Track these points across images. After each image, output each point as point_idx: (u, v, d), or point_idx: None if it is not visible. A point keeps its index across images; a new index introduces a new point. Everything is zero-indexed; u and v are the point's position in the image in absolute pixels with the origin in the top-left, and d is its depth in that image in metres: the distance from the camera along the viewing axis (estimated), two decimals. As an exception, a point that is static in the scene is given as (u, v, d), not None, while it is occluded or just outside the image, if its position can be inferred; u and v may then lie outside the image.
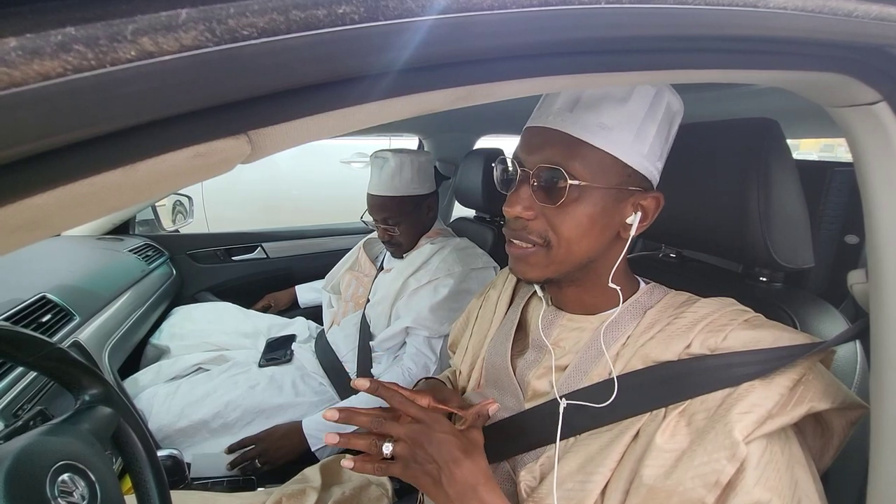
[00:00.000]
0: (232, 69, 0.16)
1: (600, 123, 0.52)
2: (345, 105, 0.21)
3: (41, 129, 0.13)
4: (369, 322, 1.34)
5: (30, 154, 0.14)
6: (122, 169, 0.17)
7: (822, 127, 1.23)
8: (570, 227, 0.53)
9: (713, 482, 0.44)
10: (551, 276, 0.57)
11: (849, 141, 0.47)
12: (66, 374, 0.56)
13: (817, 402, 0.46)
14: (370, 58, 0.18)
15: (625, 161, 0.53)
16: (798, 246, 0.61)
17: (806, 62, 0.38)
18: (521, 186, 0.54)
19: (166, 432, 1.10)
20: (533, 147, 0.55)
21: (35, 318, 0.91)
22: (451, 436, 0.51)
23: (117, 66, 0.13)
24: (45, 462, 0.45)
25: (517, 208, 0.54)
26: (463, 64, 0.23)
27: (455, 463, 0.50)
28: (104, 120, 0.14)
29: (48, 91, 0.13)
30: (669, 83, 0.53)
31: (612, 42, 0.25)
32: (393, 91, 0.22)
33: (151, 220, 1.84)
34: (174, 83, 0.15)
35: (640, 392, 0.51)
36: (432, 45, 0.19)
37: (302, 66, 0.17)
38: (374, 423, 0.54)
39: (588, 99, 0.52)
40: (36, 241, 0.19)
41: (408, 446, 0.52)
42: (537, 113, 0.57)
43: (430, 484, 0.51)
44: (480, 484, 0.50)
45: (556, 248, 0.54)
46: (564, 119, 0.52)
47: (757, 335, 0.50)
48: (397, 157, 1.26)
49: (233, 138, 0.19)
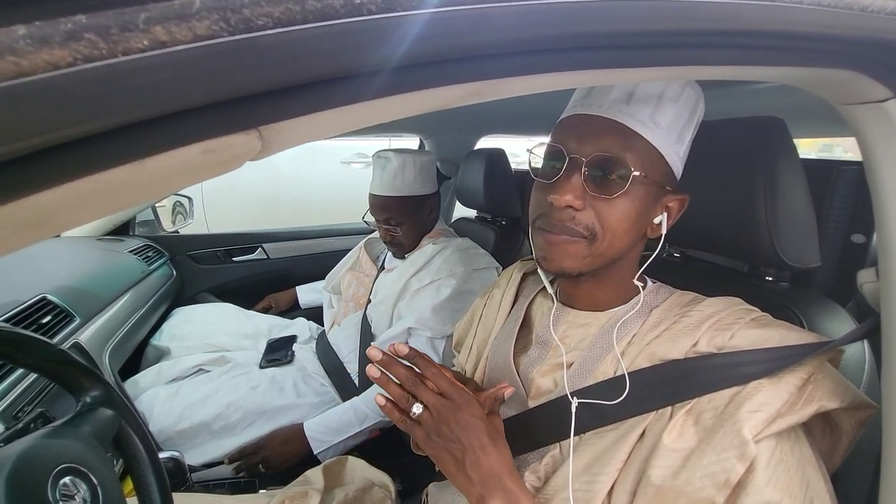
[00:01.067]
0: (246, 61, 0.15)
1: (654, 119, 0.52)
2: (357, 100, 0.21)
3: (50, 121, 0.13)
4: (370, 322, 1.34)
5: (37, 149, 0.14)
6: (130, 165, 0.17)
7: (826, 126, 1.23)
8: (618, 220, 0.52)
9: (723, 482, 0.43)
10: (585, 270, 0.55)
11: (858, 138, 0.47)
12: (67, 375, 0.56)
13: (827, 401, 0.45)
14: (386, 51, 0.18)
15: (667, 159, 0.53)
16: (805, 245, 0.61)
17: (818, 58, 0.37)
18: (572, 175, 0.52)
19: (167, 434, 1.09)
20: (586, 135, 0.52)
21: (35, 319, 0.90)
22: (480, 421, 0.51)
23: (129, 55, 0.13)
24: (47, 465, 0.44)
25: (568, 197, 0.51)
26: (478, 59, 0.23)
27: (482, 449, 0.49)
28: (115, 112, 0.14)
29: (58, 81, 0.12)
30: (684, 79, 0.53)
31: (625, 36, 0.25)
32: (406, 86, 0.22)
33: (151, 221, 1.84)
34: (187, 75, 0.14)
35: (647, 390, 0.51)
36: (448, 37, 0.19)
37: (318, 59, 0.17)
38: (409, 380, 0.52)
39: (642, 94, 0.52)
40: (41, 239, 0.18)
41: (433, 418, 0.51)
42: (584, 102, 0.55)
43: (451, 463, 0.50)
44: (505, 474, 0.49)
45: (600, 242, 0.53)
46: (621, 110, 0.51)
47: (764, 334, 0.49)
48: (400, 157, 1.25)
49: (243, 134, 0.19)
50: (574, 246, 0.54)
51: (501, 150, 1.46)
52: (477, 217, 1.70)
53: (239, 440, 1.11)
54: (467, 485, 0.49)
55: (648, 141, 0.51)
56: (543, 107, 1.49)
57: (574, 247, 0.54)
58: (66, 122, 0.13)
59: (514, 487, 0.49)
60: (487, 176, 1.41)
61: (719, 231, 0.65)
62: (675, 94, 0.53)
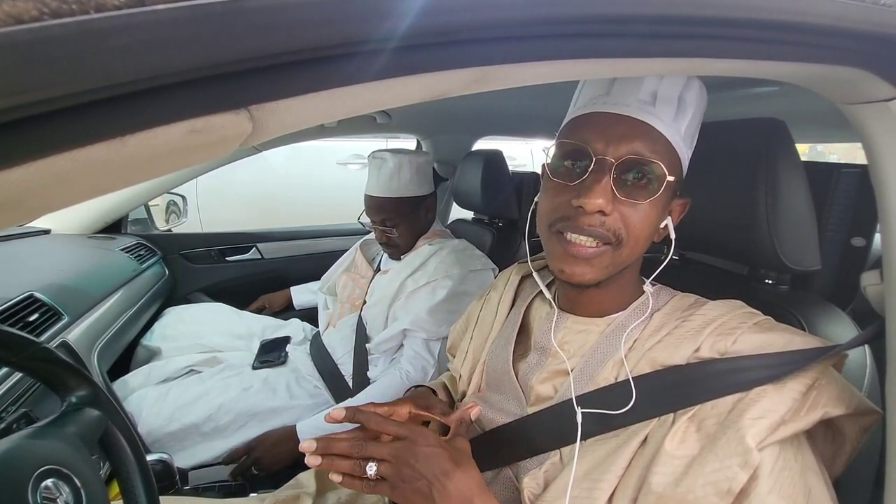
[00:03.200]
0: (234, 26, 0.14)
1: (676, 121, 0.51)
2: (353, 81, 0.20)
3: (12, 82, 0.11)
4: (366, 324, 1.32)
5: (1, 119, 0.13)
6: (109, 142, 0.15)
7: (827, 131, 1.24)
8: (643, 225, 0.51)
9: (725, 490, 0.42)
10: (604, 279, 0.53)
11: (863, 139, 0.46)
12: (52, 374, 0.54)
13: (831, 408, 0.44)
14: (383, 24, 0.17)
15: (682, 162, 0.53)
16: (805, 248, 0.60)
17: (824, 54, 0.37)
18: (602, 177, 0.49)
19: (156, 436, 1.07)
20: (615, 136, 0.50)
21: (22, 317, 0.88)
22: (438, 448, 0.49)
23: (103, 13, 0.12)
24: (28, 467, 0.43)
25: (599, 200, 0.48)
26: (477, 42, 0.22)
27: (446, 476, 0.48)
28: (86, 77, 0.13)
29: (20, 36, 0.11)
30: (689, 74, 0.53)
31: (632, 21, 0.24)
32: (403, 68, 0.21)
33: (144, 220, 1.81)
34: (168, 39, 0.13)
35: (650, 397, 0.50)
36: (447, 12, 0.17)
37: (310, 28, 0.15)
38: (354, 447, 0.51)
39: (665, 94, 0.51)
40: (12, 224, 0.17)
41: (393, 466, 0.49)
42: (607, 99, 0.52)
43: (420, 500, 0.49)
44: (475, 495, 0.48)
45: (624, 248, 0.51)
46: (649, 111, 0.50)
47: (768, 338, 0.49)
48: (396, 158, 1.24)
49: (233, 113, 0.18)
50: (599, 257, 0.52)
51: (499, 151, 1.45)
52: (474, 219, 1.69)
53: (230, 442, 1.10)
54: None
55: (671, 143, 0.51)
56: (542, 108, 1.49)
57: (598, 258, 0.52)
58: (31, 84, 0.12)
59: None
60: (485, 177, 1.40)
61: (720, 233, 0.64)
62: (692, 98, 0.52)
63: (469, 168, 1.47)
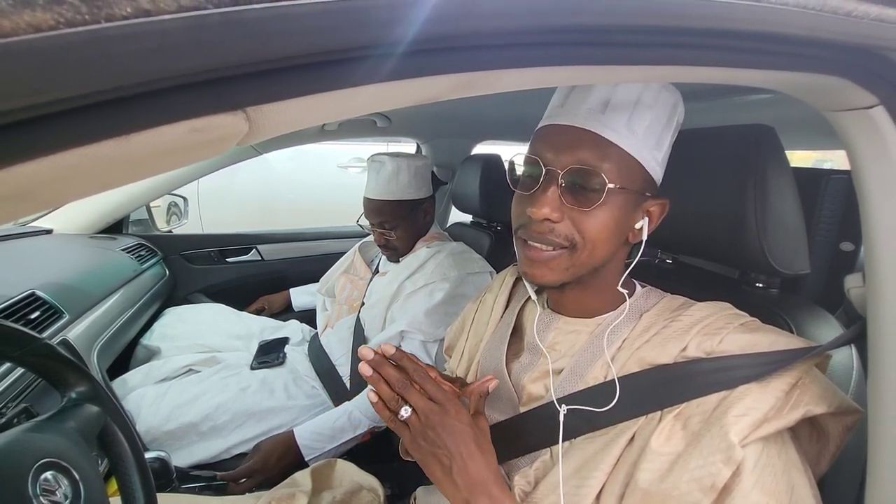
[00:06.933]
0: (233, 34, 0.15)
1: (630, 127, 0.52)
2: (346, 85, 0.21)
3: (31, 85, 0.13)
4: (363, 325, 1.33)
5: (19, 117, 0.14)
6: (115, 140, 0.17)
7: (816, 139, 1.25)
8: (598, 229, 0.52)
9: (709, 486, 0.43)
10: (567, 280, 0.55)
11: (846, 145, 0.47)
12: (53, 370, 0.55)
13: (814, 406, 0.45)
14: (375, 31, 0.18)
15: (645, 166, 0.53)
16: (795, 252, 0.61)
17: (805, 63, 0.38)
18: (549, 187, 0.52)
19: (154, 434, 1.07)
20: (562, 146, 0.52)
21: (23, 314, 0.89)
22: (466, 426, 0.51)
23: (112, 22, 0.13)
24: (28, 459, 0.43)
25: (545, 210, 0.51)
26: (464, 49, 0.23)
27: (470, 456, 0.49)
28: (97, 80, 0.14)
29: (39, 44, 0.12)
30: (670, 81, 0.54)
31: (615, 31, 0.25)
32: (394, 73, 0.22)
33: (145, 220, 1.82)
34: (171, 46, 0.14)
35: (637, 395, 0.51)
36: (437, 22, 0.19)
37: (305, 36, 0.17)
38: (398, 382, 0.52)
39: (617, 101, 0.52)
40: (23, 216, 0.18)
41: (420, 422, 0.51)
42: (560, 111, 0.54)
43: (437, 469, 0.50)
44: (491, 481, 0.49)
45: (581, 251, 0.53)
46: (597, 119, 0.51)
47: (753, 339, 0.50)
48: (394, 161, 1.26)
49: (230, 114, 0.19)
50: (555, 260, 0.54)
51: (497, 155, 1.47)
52: (472, 222, 1.70)
53: (227, 442, 1.10)
54: (453, 490, 0.49)
55: (625, 150, 0.51)
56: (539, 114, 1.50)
57: (555, 260, 0.54)
58: (48, 86, 0.13)
59: (499, 493, 0.49)
60: (483, 181, 1.42)
61: (710, 237, 0.65)
62: (651, 99, 0.53)
63: (468, 172, 1.48)
